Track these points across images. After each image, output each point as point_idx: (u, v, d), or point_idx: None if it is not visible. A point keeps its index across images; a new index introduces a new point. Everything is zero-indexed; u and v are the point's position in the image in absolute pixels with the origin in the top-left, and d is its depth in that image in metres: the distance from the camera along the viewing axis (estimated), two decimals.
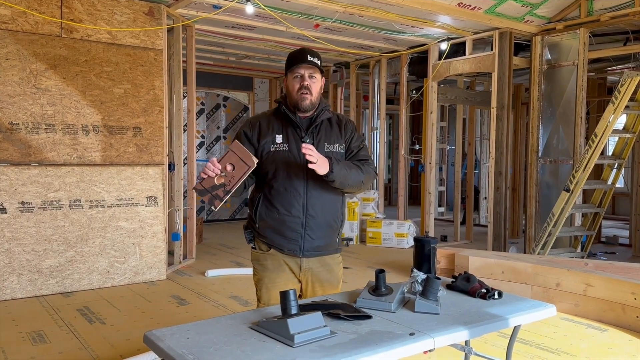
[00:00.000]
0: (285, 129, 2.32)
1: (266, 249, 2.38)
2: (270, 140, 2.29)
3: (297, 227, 2.28)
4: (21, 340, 3.62)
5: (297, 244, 2.31)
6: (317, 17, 5.89)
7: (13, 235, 4.57)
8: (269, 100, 10.30)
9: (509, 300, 2.24)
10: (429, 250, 2.29)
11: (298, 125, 2.31)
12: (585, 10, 5.87)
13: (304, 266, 2.36)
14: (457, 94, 7.90)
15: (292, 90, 2.29)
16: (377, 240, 7.50)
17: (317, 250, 2.35)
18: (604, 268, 4.58)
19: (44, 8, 4.67)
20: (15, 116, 4.57)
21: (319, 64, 2.29)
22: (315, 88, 2.29)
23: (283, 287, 2.26)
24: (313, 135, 2.31)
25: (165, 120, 5.40)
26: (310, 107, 2.30)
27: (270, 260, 2.37)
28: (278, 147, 2.28)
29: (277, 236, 2.31)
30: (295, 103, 2.29)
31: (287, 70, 2.31)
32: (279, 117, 2.35)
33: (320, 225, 2.32)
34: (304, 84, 2.26)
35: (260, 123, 2.34)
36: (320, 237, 2.33)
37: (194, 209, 6.28)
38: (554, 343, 3.64)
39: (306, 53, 2.27)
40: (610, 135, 5.53)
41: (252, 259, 2.46)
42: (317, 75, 2.30)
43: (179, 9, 5.50)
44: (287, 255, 2.35)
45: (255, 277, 2.45)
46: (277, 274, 2.37)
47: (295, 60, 2.27)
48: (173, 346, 1.66)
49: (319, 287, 2.41)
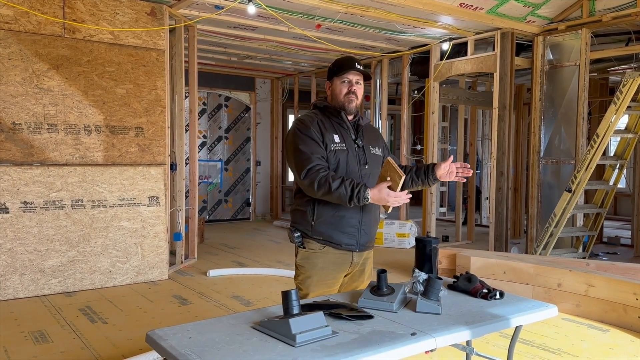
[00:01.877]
0: (339, 130, 2.44)
1: (319, 247, 2.43)
2: (330, 139, 2.40)
3: (354, 222, 2.42)
4: (23, 340, 3.63)
5: (355, 238, 2.44)
6: (318, 17, 5.89)
7: (15, 235, 4.59)
8: (271, 101, 10.32)
9: (511, 300, 2.24)
10: (431, 251, 2.29)
11: (349, 127, 2.46)
12: (587, 11, 5.86)
13: (354, 260, 2.48)
14: (459, 94, 7.89)
15: (339, 94, 2.43)
16: (378, 241, 7.50)
17: (369, 243, 2.53)
18: (605, 268, 4.58)
19: (46, 8, 4.68)
20: (17, 116, 4.59)
21: (366, 71, 2.47)
22: (359, 93, 2.46)
23: (331, 284, 2.44)
24: (361, 138, 2.47)
25: (167, 120, 5.41)
26: (355, 110, 2.46)
27: (322, 258, 2.44)
28: (337, 147, 2.39)
29: (336, 232, 2.40)
30: (342, 105, 2.43)
31: (334, 75, 2.46)
32: (329, 118, 2.46)
33: (371, 220, 2.50)
34: (352, 89, 2.42)
35: (319, 123, 2.42)
36: (372, 231, 2.53)
37: (195, 208, 6.29)
38: (556, 343, 3.64)
39: (354, 61, 2.44)
40: (612, 136, 5.53)
41: (300, 259, 2.49)
42: (361, 82, 2.48)
43: (181, 10, 5.50)
44: (342, 251, 2.44)
45: (302, 275, 2.48)
46: (328, 272, 2.45)
47: (345, 66, 2.43)
48: (175, 345, 1.66)
49: (358, 277, 2.55)
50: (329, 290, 2.45)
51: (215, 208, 9.77)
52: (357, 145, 2.43)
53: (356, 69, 2.40)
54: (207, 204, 9.64)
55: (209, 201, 9.67)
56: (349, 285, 2.54)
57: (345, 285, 2.54)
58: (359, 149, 2.43)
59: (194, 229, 6.31)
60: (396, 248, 7.36)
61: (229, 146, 9.87)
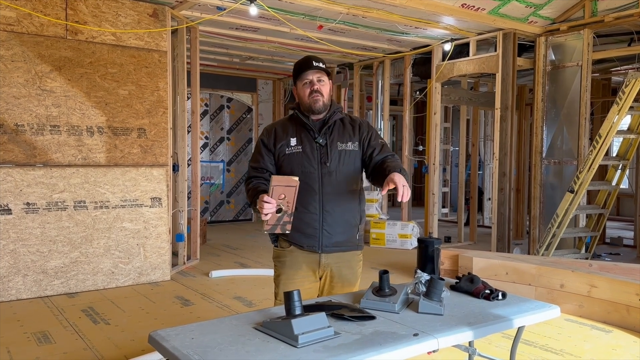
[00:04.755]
0: (299, 133, 2.43)
1: (286, 246, 2.46)
2: (285, 143, 2.42)
3: (314, 223, 2.37)
4: (26, 341, 3.63)
5: (315, 239, 2.39)
6: (320, 18, 5.90)
7: (18, 236, 4.60)
8: (273, 102, 10.32)
9: (513, 301, 2.24)
10: (433, 251, 2.29)
11: (311, 128, 2.42)
12: (590, 11, 5.86)
13: (322, 262, 2.43)
14: (461, 95, 7.89)
15: (303, 96, 2.42)
16: (380, 242, 7.50)
17: (336, 245, 2.43)
18: (608, 269, 4.57)
19: (49, 10, 4.69)
20: (20, 117, 4.60)
21: (325, 67, 2.41)
22: (325, 90, 2.41)
23: (299, 284, 2.38)
24: (326, 136, 2.42)
25: (169, 122, 5.41)
26: (323, 108, 2.41)
27: (289, 257, 2.45)
28: (293, 150, 2.41)
29: (296, 233, 2.37)
30: (309, 107, 2.40)
31: (295, 80, 2.44)
32: (293, 122, 2.48)
33: (337, 221, 2.40)
34: (314, 88, 2.39)
35: (276, 129, 2.48)
36: (339, 232, 2.42)
37: (197, 209, 6.30)
38: (558, 344, 3.64)
39: (311, 59, 2.40)
40: (614, 136, 5.52)
41: (273, 257, 2.54)
42: (324, 79, 2.42)
43: (183, 11, 5.51)
44: (306, 252, 2.42)
45: (275, 273, 2.53)
46: (295, 271, 2.44)
47: (302, 67, 2.40)
48: (178, 346, 1.66)
49: (338, 282, 2.47)
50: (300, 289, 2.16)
51: (218, 209, 9.78)
52: (319, 144, 2.39)
53: (314, 67, 2.37)
54: (209, 205, 9.65)
55: (211, 202, 9.68)
56: (329, 292, 2.46)
57: (326, 292, 2.47)
58: (320, 147, 2.39)
59: (196, 230, 6.31)
60: (398, 249, 7.35)
61: (231, 147, 9.87)
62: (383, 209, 8.09)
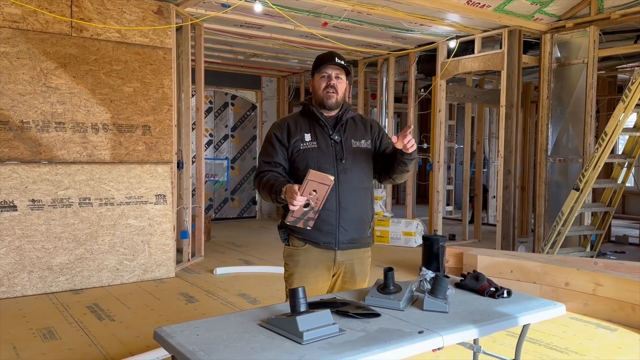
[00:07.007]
0: (313, 128, 2.42)
1: (300, 245, 2.43)
2: (300, 139, 2.40)
3: (331, 220, 2.36)
4: (32, 337, 3.65)
5: (332, 236, 2.38)
6: (325, 15, 5.88)
7: (24, 233, 4.62)
8: (277, 99, 10.32)
9: (518, 299, 2.23)
10: (438, 249, 2.28)
11: (325, 124, 2.41)
12: (596, 8, 5.82)
13: (338, 259, 2.43)
14: (466, 93, 7.87)
15: (318, 89, 2.41)
16: (385, 239, 7.49)
17: (351, 242, 2.43)
18: (613, 267, 4.55)
19: (54, 7, 4.70)
20: (25, 114, 4.61)
21: (346, 66, 2.41)
22: (340, 88, 2.41)
23: (313, 283, 2.38)
24: (340, 133, 2.42)
25: (174, 119, 5.42)
26: (335, 105, 2.41)
27: (303, 256, 2.43)
28: (307, 145, 2.39)
29: (313, 230, 2.34)
30: (321, 101, 2.40)
31: (314, 71, 2.43)
32: (306, 117, 2.46)
33: (353, 218, 2.40)
34: (330, 83, 2.39)
35: (288, 124, 2.45)
36: (354, 229, 2.42)
37: (202, 207, 6.31)
38: (563, 342, 3.63)
39: (334, 55, 2.40)
40: (620, 134, 5.49)
41: (285, 256, 2.51)
42: (342, 77, 2.42)
43: (188, 8, 5.51)
44: (322, 250, 2.40)
45: (287, 272, 2.50)
46: (309, 270, 2.42)
47: (324, 60, 2.40)
48: (183, 343, 1.67)
49: (350, 278, 2.47)
50: (313, 288, 2.37)
51: (222, 206, 9.79)
52: (334, 140, 2.39)
53: (335, 62, 2.36)
54: (214, 202, 9.66)
55: (215, 199, 9.69)
56: (341, 288, 2.48)
57: (337, 288, 2.49)
58: (335, 144, 2.39)
59: (200, 227, 6.33)
60: (403, 247, 7.35)
61: (235, 144, 9.88)
62: (387, 207, 8.08)
